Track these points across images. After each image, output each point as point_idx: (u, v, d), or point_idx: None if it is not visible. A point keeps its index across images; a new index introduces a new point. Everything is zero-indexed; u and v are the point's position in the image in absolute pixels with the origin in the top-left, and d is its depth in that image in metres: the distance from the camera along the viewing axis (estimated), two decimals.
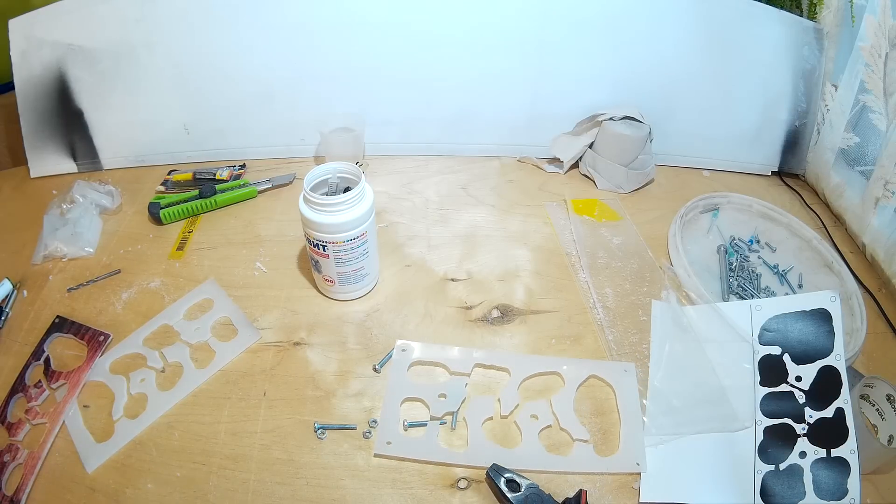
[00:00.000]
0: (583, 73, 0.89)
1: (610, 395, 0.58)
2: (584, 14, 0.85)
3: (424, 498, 0.50)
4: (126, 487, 0.50)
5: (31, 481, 0.50)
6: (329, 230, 0.59)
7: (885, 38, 0.72)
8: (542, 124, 0.92)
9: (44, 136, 0.87)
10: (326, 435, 0.55)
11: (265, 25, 0.84)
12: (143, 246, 0.76)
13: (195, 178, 0.86)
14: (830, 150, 0.86)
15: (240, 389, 0.58)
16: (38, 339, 0.63)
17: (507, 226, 0.80)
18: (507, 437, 0.55)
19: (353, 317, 0.66)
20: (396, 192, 0.86)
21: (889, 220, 0.73)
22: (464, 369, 0.59)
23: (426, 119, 0.92)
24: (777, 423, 0.52)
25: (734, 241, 0.78)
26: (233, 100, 0.88)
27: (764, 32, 0.86)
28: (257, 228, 0.79)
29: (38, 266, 0.72)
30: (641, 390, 0.58)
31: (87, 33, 0.82)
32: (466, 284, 0.71)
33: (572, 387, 0.58)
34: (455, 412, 0.56)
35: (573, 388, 0.58)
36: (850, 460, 0.48)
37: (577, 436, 0.54)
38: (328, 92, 0.89)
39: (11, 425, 0.55)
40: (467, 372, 0.59)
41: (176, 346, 0.62)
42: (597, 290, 0.69)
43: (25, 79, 0.83)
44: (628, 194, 0.87)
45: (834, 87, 0.85)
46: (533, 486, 0.49)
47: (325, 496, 0.50)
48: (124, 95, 0.86)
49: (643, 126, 0.84)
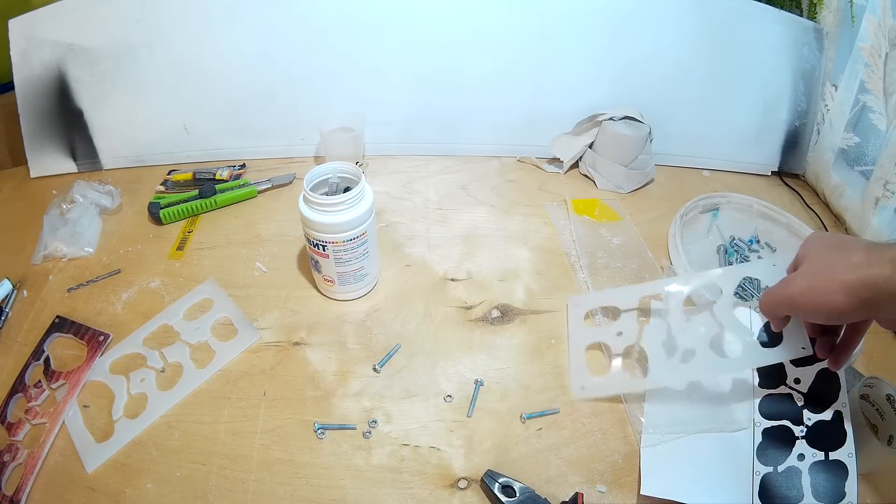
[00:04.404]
0: (583, 73, 0.89)
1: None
2: (584, 14, 0.85)
3: (424, 498, 0.50)
4: (126, 487, 0.50)
5: (30, 481, 0.51)
6: (329, 230, 0.59)
7: (885, 38, 0.72)
8: (542, 124, 0.92)
9: (44, 136, 0.87)
10: (326, 435, 0.55)
11: (265, 25, 0.84)
12: (143, 246, 0.76)
13: (195, 178, 0.86)
14: (830, 150, 0.86)
15: (240, 389, 0.58)
16: (38, 339, 0.63)
17: (507, 226, 0.80)
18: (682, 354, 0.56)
19: (353, 317, 0.66)
20: (396, 192, 0.86)
21: (889, 220, 0.73)
22: (632, 304, 0.62)
23: (426, 119, 0.92)
24: (775, 425, 0.52)
25: (734, 241, 0.78)
26: (233, 100, 0.88)
27: (764, 32, 0.86)
28: (257, 228, 0.79)
29: (38, 266, 0.72)
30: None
31: (87, 33, 0.82)
32: (466, 284, 0.71)
33: (729, 295, 0.58)
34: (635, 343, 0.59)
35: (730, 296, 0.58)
36: (848, 463, 0.48)
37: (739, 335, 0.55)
38: (328, 92, 0.89)
39: (11, 425, 0.55)
40: (635, 306, 0.62)
41: (176, 345, 0.62)
42: (596, 290, 0.69)
43: (25, 79, 0.83)
44: (628, 194, 0.87)
45: (834, 87, 0.85)
46: (528, 491, 0.49)
47: (325, 496, 0.50)
48: (124, 95, 0.86)
49: (643, 126, 0.84)
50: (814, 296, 0.45)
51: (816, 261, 0.47)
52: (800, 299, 0.47)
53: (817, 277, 0.46)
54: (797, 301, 0.47)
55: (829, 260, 0.46)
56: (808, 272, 0.47)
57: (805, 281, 0.47)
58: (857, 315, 0.44)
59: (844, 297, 0.43)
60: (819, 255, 0.48)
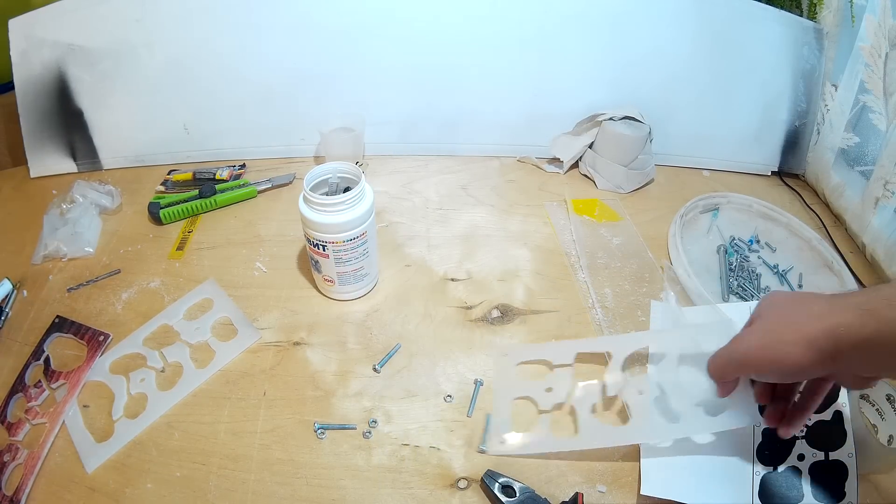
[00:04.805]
0: (583, 72, 0.89)
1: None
2: (583, 14, 0.85)
3: (424, 498, 0.50)
4: (126, 487, 0.50)
5: (30, 481, 0.50)
6: (329, 230, 0.59)
7: (885, 38, 0.72)
8: (542, 124, 0.92)
9: (44, 136, 0.87)
10: (326, 435, 0.55)
11: (265, 26, 0.84)
12: (143, 246, 0.76)
13: (195, 178, 0.86)
14: (830, 150, 0.86)
15: (240, 389, 0.58)
16: (38, 339, 0.63)
17: (507, 226, 0.80)
18: (618, 416, 0.55)
19: (353, 317, 0.66)
20: (396, 192, 0.86)
21: (889, 220, 0.73)
22: (566, 361, 0.60)
23: (426, 119, 0.92)
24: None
25: (734, 241, 0.78)
26: (233, 100, 0.88)
27: (764, 32, 0.87)
28: (257, 228, 0.79)
29: (38, 266, 0.72)
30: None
31: (87, 33, 0.82)
32: (466, 284, 0.71)
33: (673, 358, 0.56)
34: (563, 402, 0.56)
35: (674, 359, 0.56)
36: (848, 463, 0.48)
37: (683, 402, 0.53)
38: (328, 92, 0.89)
39: (11, 425, 0.55)
40: (570, 363, 0.59)
41: (176, 345, 0.62)
42: (596, 290, 0.69)
43: (25, 79, 0.83)
44: (628, 194, 0.87)
45: (834, 87, 0.85)
46: (528, 491, 0.49)
47: (324, 496, 0.50)
48: (124, 95, 0.86)
49: (643, 126, 0.84)
50: (769, 351, 0.42)
51: (773, 315, 0.44)
52: (753, 355, 0.43)
53: (773, 332, 0.42)
54: (750, 358, 0.43)
55: (788, 313, 0.42)
56: (762, 327, 0.44)
57: (759, 336, 0.43)
58: (816, 370, 0.41)
59: (803, 351, 0.40)
60: (776, 309, 0.44)
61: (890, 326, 0.37)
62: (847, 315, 0.38)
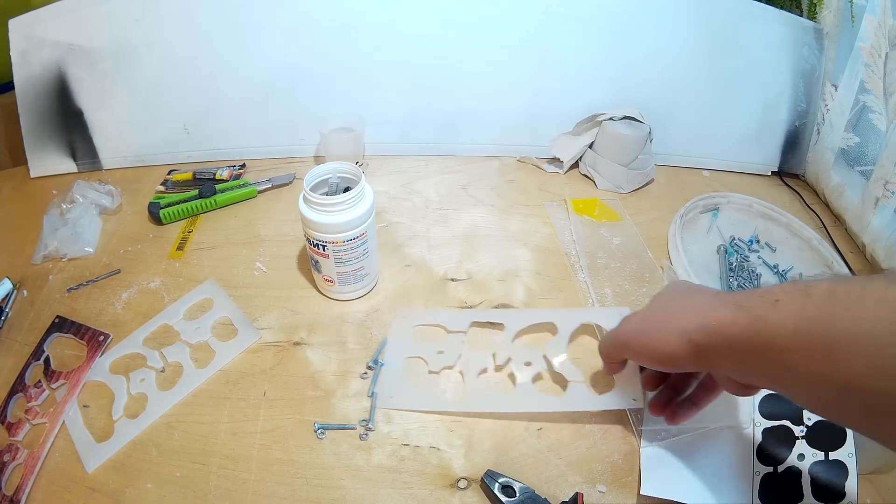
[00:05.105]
0: (583, 72, 0.89)
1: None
2: (583, 14, 0.85)
3: (424, 498, 0.50)
4: (126, 487, 0.50)
5: (30, 481, 0.50)
6: (329, 230, 0.59)
7: (885, 38, 0.72)
8: (542, 124, 0.92)
9: (44, 136, 0.87)
10: (326, 435, 0.55)
11: (265, 25, 0.84)
12: (143, 246, 0.76)
13: (195, 178, 0.86)
14: (830, 150, 0.86)
15: (240, 389, 0.58)
16: (37, 339, 0.63)
17: (507, 226, 0.80)
18: (501, 386, 0.58)
19: (353, 317, 0.66)
20: (396, 192, 0.86)
21: (889, 220, 0.73)
22: (461, 328, 0.63)
23: (426, 119, 0.92)
24: (775, 424, 0.52)
25: (734, 241, 0.78)
26: (233, 100, 0.88)
27: (764, 32, 0.87)
28: (257, 228, 0.79)
29: (38, 266, 0.72)
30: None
31: (87, 33, 0.82)
32: (466, 284, 0.71)
33: (565, 335, 0.60)
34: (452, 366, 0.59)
35: (566, 336, 0.60)
36: (849, 463, 0.48)
37: (572, 378, 0.56)
38: (328, 92, 0.89)
39: (11, 425, 0.55)
40: (464, 330, 0.63)
41: (176, 345, 0.62)
42: (596, 290, 0.69)
43: (25, 79, 0.83)
44: (628, 194, 0.87)
45: (834, 87, 0.85)
46: (528, 491, 0.49)
47: (325, 496, 0.50)
48: (124, 95, 0.86)
49: (643, 126, 0.84)
50: (644, 337, 0.42)
51: (661, 302, 0.44)
52: (630, 339, 0.43)
53: (653, 319, 0.42)
54: (627, 341, 0.44)
55: (673, 302, 0.42)
56: (646, 313, 0.44)
57: (639, 321, 0.44)
58: (689, 364, 0.40)
59: (677, 340, 0.39)
60: (666, 297, 0.44)
61: (759, 323, 0.35)
62: (723, 310, 0.38)
